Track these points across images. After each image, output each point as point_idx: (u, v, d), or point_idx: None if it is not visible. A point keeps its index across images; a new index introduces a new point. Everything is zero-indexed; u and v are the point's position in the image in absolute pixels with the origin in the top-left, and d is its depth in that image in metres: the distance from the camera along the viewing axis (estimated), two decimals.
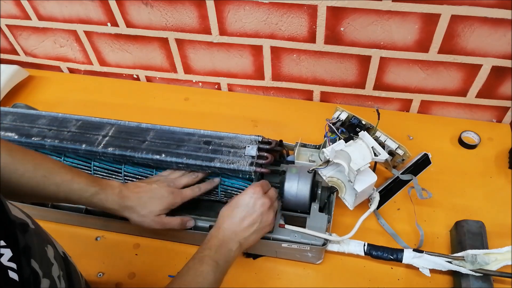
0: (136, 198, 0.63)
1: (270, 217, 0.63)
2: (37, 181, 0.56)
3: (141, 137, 0.71)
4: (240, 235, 0.60)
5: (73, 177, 0.59)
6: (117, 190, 0.62)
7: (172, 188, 0.66)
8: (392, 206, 0.78)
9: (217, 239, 0.59)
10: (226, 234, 0.60)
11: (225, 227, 0.60)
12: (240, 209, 0.61)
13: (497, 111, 0.90)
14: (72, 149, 0.70)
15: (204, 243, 0.59)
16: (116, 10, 0.92)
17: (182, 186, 0.68)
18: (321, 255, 0.69)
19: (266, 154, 0.68)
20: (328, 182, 0.69)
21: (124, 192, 0.63)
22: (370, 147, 0.65)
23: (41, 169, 0.56)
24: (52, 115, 0.77)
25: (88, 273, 0.71)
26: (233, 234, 0.60)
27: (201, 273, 0.54)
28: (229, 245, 0.59)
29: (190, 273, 0.54)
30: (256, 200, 0.62)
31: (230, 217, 0.61)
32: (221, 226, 0.61)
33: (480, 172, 0.82)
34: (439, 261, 0.65)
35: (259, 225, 0.62)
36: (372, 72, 0.89)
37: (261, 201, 0.62)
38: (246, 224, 0.61)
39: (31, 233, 0.41)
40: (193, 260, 0.56)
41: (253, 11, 0.84)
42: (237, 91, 1.03)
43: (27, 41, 1.08)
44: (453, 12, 0.75)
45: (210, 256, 0.56)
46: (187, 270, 0.55)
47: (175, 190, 0.66)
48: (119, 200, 0.62)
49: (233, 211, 0.62)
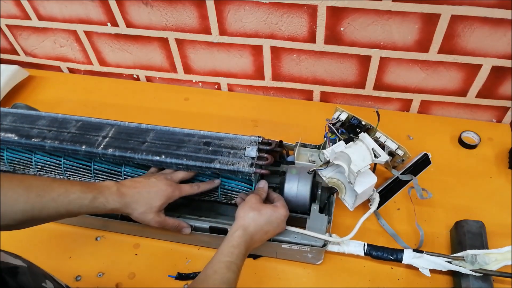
0: (136, 193, 0.62)
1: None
2: (33, 202, 0.54)
3: (141, 138, 0.71)
4: (257, 246, 0.63)
5: (66, 188, 0.57)
6: (114, 188, 0.62)
7: (170, 181, 0.66)
8: (392, 206, 0.78)
9: (245, 246, 0.59)
10: (252, 243, 0.61)
11: (254, 237, 0.61)
12: (269, 225, 0.63)
13: (497, 111, 0.90)
14: (72, 150, 0.70)
15: (232, 245, 0.58)
16: (116, 10, 0.92)
17: (179, 180, 0.68)
18: (321, 256, 0.69)
19: (266, 155, 0.68)
20: (328, 183, 0.69)
21: (122, 190, 0.62)
22: (370, 148, 0.65)
23: (34, 190, 0.55)
24: (52, 116, 0.77)
25: (88, 273, 0.72)
26: (254, 244, 0.62)
27: (228, 280, 0.54)
28: (248, 252, 0.60)
29: (217, 277, 0.54)
30: (281, 223, 0.64)
31: (261, 229, 0.62)
32: (251, 234, 0.61)
33: (480, 172, 0.82)
34: (439, 261, 0.65)
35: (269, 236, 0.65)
36: (372, 72, 0.89)
37: (283, 226, 0.65)
38: (265, 238, 0.63)
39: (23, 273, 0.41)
40: (220, 264, 0.56)
41: (253, 11, 0.84)
42: (237, 91, 1.03)
43: (27, 41, 1.08)
44: (453, 12, 0.75)
45: (236, 264, 0.56)
46: (213, 273, 0.55)
47: (173, 183, 0.66)
48: (119, 198, 0.61)
49: (265, 225, 0.62)
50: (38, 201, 0.55)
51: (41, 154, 0.74)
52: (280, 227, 0.64)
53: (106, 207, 0.60)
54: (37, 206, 0.55)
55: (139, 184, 0.64)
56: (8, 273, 0.38)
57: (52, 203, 0.56)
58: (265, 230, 0.62)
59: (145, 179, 0.65)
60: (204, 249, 0.74)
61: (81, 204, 0.58)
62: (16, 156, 0.75)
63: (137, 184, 0.64)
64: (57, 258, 0.74)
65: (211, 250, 0.73)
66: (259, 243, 0.63)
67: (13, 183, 0.54)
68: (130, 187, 0.63)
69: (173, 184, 0.66)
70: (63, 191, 0.57)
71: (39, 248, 0.75)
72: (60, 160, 0.73)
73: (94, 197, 0.59)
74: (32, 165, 0.75)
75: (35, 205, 0.54)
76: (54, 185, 0.57)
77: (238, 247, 0.58)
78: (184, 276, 0.70)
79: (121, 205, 0.61)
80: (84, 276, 0.71)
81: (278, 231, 0.65)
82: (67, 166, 0.73)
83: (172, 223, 0.66)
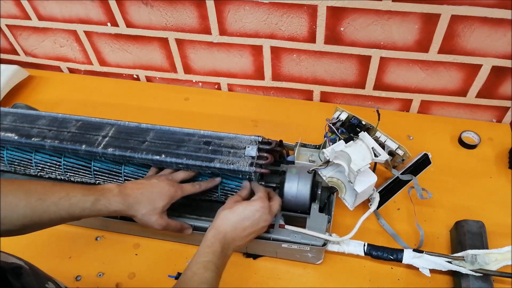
0: (139, 194, 0.62)
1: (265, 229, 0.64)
2: (33, 207, 0.54)
3: (141, 138, 0.71)
4: (238, 243, 0.61)
5: (68, 192, 0.57)
6: (116, 190, 0.61)
7: (172, 181, 0.66)
8: (392, 206, 0.78)
9: (219, 244, 0.58)
10: (228, 242, 0.59)
11: (228, 234, 0.60)
12: (245, 221, 0.61)
13: (497, 111, 0.90)
14: (72, 150, 0.70)
15: (206, 245, 0.58)
16: (116, 10, 0.92)
17: (180, 180, 0.67)
18: (321, 255, 0.69)
19: (266, 154, 0.68)
20: (328, 182, 0.69)
21: (124, 191, 0.61)
22: (370, 147, 0.65)
23: (34, 194, 0.54)
24: (52, 116, 0.77)
25: (88, 273, 0.72)
26: (233, 242, 0.60)
27: (207, 280, 0.54)
28: (228, 251, 0.59)
29: (196, 279, 0.54)
30: (262, 215, 0.62)
31: (235, 226, 0.61)
32: (224, 231, 0.60)
33: (480, 172, 0.82)
34: (439, 261, 0.65)
35: (255, 236, 0.63)
36: (372, 72, 0.89)
37: (266, 217, 0.63)
38: (247, 235, 0.62)
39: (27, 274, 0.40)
40: (197, 264, 0.55)
41: (253, 11, 0.84)
42: (237, 91, 1.03)
43: (27, 41, 1.08)
44: (453, 12, 0.75)
45: (213, 262, 0.56)
46: (192, 275, 0.54)
47: (175, 183, 0.66)
48: (122, 200, 0.61)
49: (238, 221, 0.61)
50: (39, 205, 0.54)
51: (41, 154, 0.74)
52: (261, 220, 0.62)
53: (109, 209, 0.60)
54: (38, 210, 0.54)
55: (141, 185, 0.63)
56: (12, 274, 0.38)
57: (53, 206, 0.55)
58: (242, 226, 0.61)
59: (146, 181, 0.65)
60: None
61: (83, 207, 0.57)
62: (16, 156, 0.75)
63: (139, 185, 0.63)
64: (57, 258, 0.74)
65: None
66: (240, 240, 0.61)
67: (13, 187, 0.53)
68: (133, 189, 0.62)
69: (174, 184, 0.65)
70: (64, 195, 0.56)
71: (39, 248, 0.75)
72: (60, 160, 0.73)
73: (96, 199, 0.58)
74: (32, 165, 0.75)
75: (36, 209, 0.54)
76: (54, 188, 0.57)
77: (212, 246, 0.58)
78: None
79: (124, 206, 0.61)
80: (84, 276, 0.71)
81: (261, 225, 0.62)
82: (67, 165, 0.73)
83: (175, 225, 0.66)
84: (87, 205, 0.58)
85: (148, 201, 0.62)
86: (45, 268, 0.57)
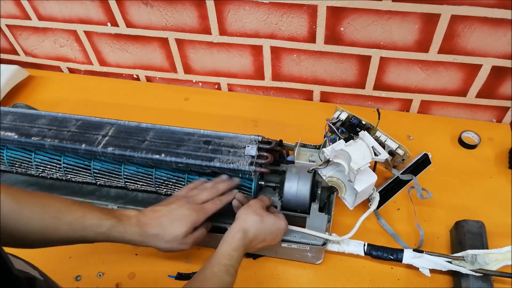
0: (157, 224, 0.59)
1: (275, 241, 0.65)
2: (47, 224, 0.52)
3: (141, 137, 0.71)
4: (252, 251, 0.62)
5: (84, 213, 0.55)
6: (134, 219, 0.58)
7: (193, 204, 0.62)
8: (392, 206, 0.78)
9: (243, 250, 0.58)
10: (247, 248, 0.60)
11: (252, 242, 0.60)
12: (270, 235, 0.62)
13: (497, 111, 0.90)
14: (72, 149, 0.70)
15: (232, 248, 0.57)
16: (116, 10, 0.92)
17: (202, 201, 0.64)
18: (321, 255, 0.69)
19: (266, 153, 0.68)
20: (328, 182, 0.69)
21: (142, 220, 0.58)
22: (370, 146, 0.65)
23: (50, 210, 0.53)
24: (52, 115, 0.77)
25: (88, 273, 0.72)
26: (250, 249, 0.61)
27: (226, 284, 0.54)
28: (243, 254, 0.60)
29: (215, 280, 0.53)
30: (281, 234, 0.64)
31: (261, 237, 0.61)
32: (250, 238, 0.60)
33: (480, 172, 0.82)
34: (439, 261, 0.65)
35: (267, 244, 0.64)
36: (372, 72, 0.89)
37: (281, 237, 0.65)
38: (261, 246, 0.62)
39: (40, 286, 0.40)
40: (220, 266, 0.55)
41: (253, 11, 0.84)
42: (237, 91, 1.03)
43: (27, 41, 1.08)
44: (453, 12, 0.75)
45: (235, 268, 0.56)
46: (212, 276, 0.54)
47: (196, 206, 0.62)
48: (139, 230, 0.58)
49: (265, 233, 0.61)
50: (52, 223, 0.53)
51: (41, 153, 0.74)
52: (277, 239, 0.64)
53: (124, 238, 0.57)
54: (51, 228, 0.53)
55: (159, 213, 0.60)
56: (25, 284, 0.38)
57: (66, 226, 0.54)
58: (263, 238, 0.61)
59: (166, 207, 0.61)
60: (204, 249, 0.74)
61: (97, 232, 0.55)
62: (16, 155, 0.75)
63: (158, 213, 0.60)
64: (57, 258, 0.73)
65: (211, 250, 0.73)
66: (254, 249, 0.62)
67: (30, 200, 0.52)
68: (152, 218, 0.59)
69: (195, 207, 0.62)
70: (79, 216, 0.55)
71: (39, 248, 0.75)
72: (60, 159, 0.73)
73: (112, 225, 0.56)
74: (32, 164, 0.74)
75: (49, 227, 0.53)
76: (72, 208, 0.55)
77: (237, 250, 0.57)
78: (184, 276, 0.69)
79: (142, 237, 0.58)
80: (84, 276, 0.71)
81: (274, 242, 0.63)
82: (67, 164, 0.73)
83: (202, 233, 0.63)
84: (101, 230, 0.56)
85: (167, 231, 0.59)
86: (45, 268, 0.57)
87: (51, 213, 0.53)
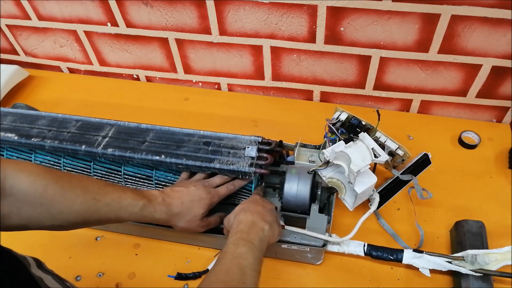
0: (180, 204, 0.62)
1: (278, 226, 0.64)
2: (89, 205, 0.54)
3: (141, 138, 0.72)
4: (267, 217, 0.60)
5: (120, 194, 0.57)
6: (160, 199, 0.61)
7: (208, 187, 0.65)
8: (392, 206, 0.78)
9: (246, 222, 0.58)
10: (254, 217, 0.59)
11: (251, 210, 0.60)
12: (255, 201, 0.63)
13: (497, 111, 0.90)
14: (72, 150, 0.70)
15: (232, 228, 0.58)
16: (116, 10, 0.92)
17: (215, 185, 0.67)
18: (321, 256, 0.69)
19: (266, 155, 0.68)
20: (328, 183, 0.69)
21: (167, 200, 0.61)
22: (370, 148, 0.65)
23: (90, 192, 0.54)
24: (52, 116, 0.77)
25: (88, 273, 0.72)
26: (260, 216, 0.59)
27: (239, 254, 0.53)
28: (259, 224, 0.58)
29: (228, 256, 0.53)
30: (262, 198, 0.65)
31: (252, 205, 0.61)
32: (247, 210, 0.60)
33: (480, 172, 0.82)
34: (439, 261, 0.65)
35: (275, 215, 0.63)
36: (372, 72, 0.89)
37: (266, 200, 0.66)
38: (268, 208, 0.62)
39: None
40: (227, 245, 0.55)
41: (253, 11, 0.84)
42: (237, 91, 1.03)
43: (27, 41, 1.08)
44: (453, 12, 0.75)
45: (243, 238, 0.55)
46: (224, 254, 0.53)
47: (211, 189, 0.65)
48: (166, 209, 0.61)
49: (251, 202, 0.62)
50: (93, 205, 0.54)
51: (41, 154, 0.74)
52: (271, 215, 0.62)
53: (154, 217, 0.60)
54: (92, 209, 0.54)
55: (181, 193, 0.63)
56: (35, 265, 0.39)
57: (105, 207, 0.55)
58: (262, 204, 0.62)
59: (185, 188, 0.64)
60: (204, 249, 0.74)
61: (131, 211, 0.57)
62: (16, 156, 0.75)
63: (180, 193, 0.63)
64: (57, 258, 0.74)
65: (211, 250, 0.73)
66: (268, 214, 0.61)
67: (71, 183, 0.53)
68: (174, 197, 0.62)
69: (211, 190, 0.65)
70: (116, 196, 0.57)
71: (39, 248, 0.75)
72: (60, 160, 0.73)
73: (144, 205, 0.58)
74: None
75: (90, 208, 0.54)
76: (108, 189, 0.57)
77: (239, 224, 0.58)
78: (184, 276, 0.70)
79: (168, 216, 0.61)
80: (84, 276, 0.71)
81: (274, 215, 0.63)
82: (67, 166, 0.73)
83: (215, 220, 0.66)
84: (135, 209, 0.58)
85: (188, 211, 0.62)
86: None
87: (92, 195, 0.54)
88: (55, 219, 0.52)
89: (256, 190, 0.70)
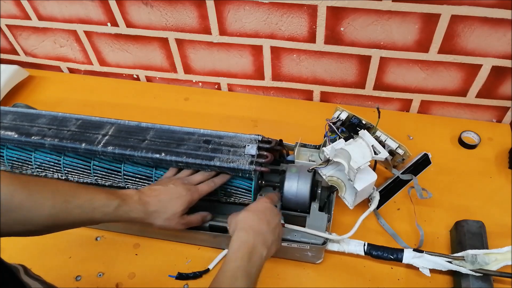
0: (157, 201, 0.61)
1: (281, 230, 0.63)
2: (59, 208, 0.53)
3: (141, 136, 0.71)
4: (268, 239, 0.58)
5: (92, 195, 0.56)
6: (136, 197, 0.60)
7: (188, 185, 0.65)
8: (392, 206, 0.78)
9: (247, 245, 0.55)
10: (256, 240, 0.56)
11: (254, 229, 0.58)
12: (264, 212, 0.60)
13: (497, 111, 0.90)
14: (72, 148, 0.70)
15: (234, 249, 0.55)
16: (116, 10, 0.92)
17: (196, 183, 0.67)
18: (321, 254, 0.69)
19: (266, 153, 0.68)
20: (328, 181, 0.69)
21: (143, 198, 0.61)
22: (370, 145, 0.65)
23: (60, 195, 0.54)
24: (52, 114, 0.77)
25: (88, 273, 0.71)
26: (262, 239, 0.57)
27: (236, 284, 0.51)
28: (259, 250, 0.56)
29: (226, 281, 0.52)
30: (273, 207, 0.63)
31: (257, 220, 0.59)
32: (248, 229, 0.57)
33: (480, 172, 0.82)
34: (439, 261, 0.65)
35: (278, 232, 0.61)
36: (372, 72, 0.89)
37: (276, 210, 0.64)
38: (272, 226, 0.60)
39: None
40: (224, 273, 0.52)
41: (253, 11, 0.84)
42: (237, 91, 1.03)
43: (27, 41, 1.08)
44: (453, 12, 0.75)
45: (243, 269, 0.53)
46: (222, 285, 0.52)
47: (192, 187, 0.65)
48: (142, 207, 0.60)
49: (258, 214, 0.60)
50: (64, 207, 0.53)
51: (41, 152, 0.74)
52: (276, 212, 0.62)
53: (129, 216, 0.59)
54: (63, 212, 0.53)
55: (158, 191, 0.62)
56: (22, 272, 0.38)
57: (77, 209, 0.55)
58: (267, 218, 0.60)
59: (163, 186, 0.64)
60: (204, 249, 0.74)
61: (105, 212, 0.57)
62: (15, 154, 0.75)
63: (157, 191, 0.62)
64: (57, 258, 0.74)
65: (211, 250, 0.73)
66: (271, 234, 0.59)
67: (39, 187, 0.52)
68: (151, 196, 0.62)
69: (191, 187, 0.65)
70: (89, 198, 0.56)
71: (39, 248, 0.75)
72: (60, 158, 0.73)
73: (119, 205, 0.58)
74: (32, 164, 0.74)
75: (61, 211, 0.53)
76: (80, 190, 0.56)
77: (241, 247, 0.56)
78: (184, 276, 0.69)
79: (144, 214, 0.60)
80: (84, 276, 0.71)
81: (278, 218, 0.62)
82: (67, 164, 0.73)
83: (196, 219, 0.66)
84: (109, 210, 0.57)
85: (166, 209, 0.62)
86: (45, 268, 0.57)
87: (62, 198, 0.54)
88: (25, 225, 0.50)
89: (270, 194, 0.68)
